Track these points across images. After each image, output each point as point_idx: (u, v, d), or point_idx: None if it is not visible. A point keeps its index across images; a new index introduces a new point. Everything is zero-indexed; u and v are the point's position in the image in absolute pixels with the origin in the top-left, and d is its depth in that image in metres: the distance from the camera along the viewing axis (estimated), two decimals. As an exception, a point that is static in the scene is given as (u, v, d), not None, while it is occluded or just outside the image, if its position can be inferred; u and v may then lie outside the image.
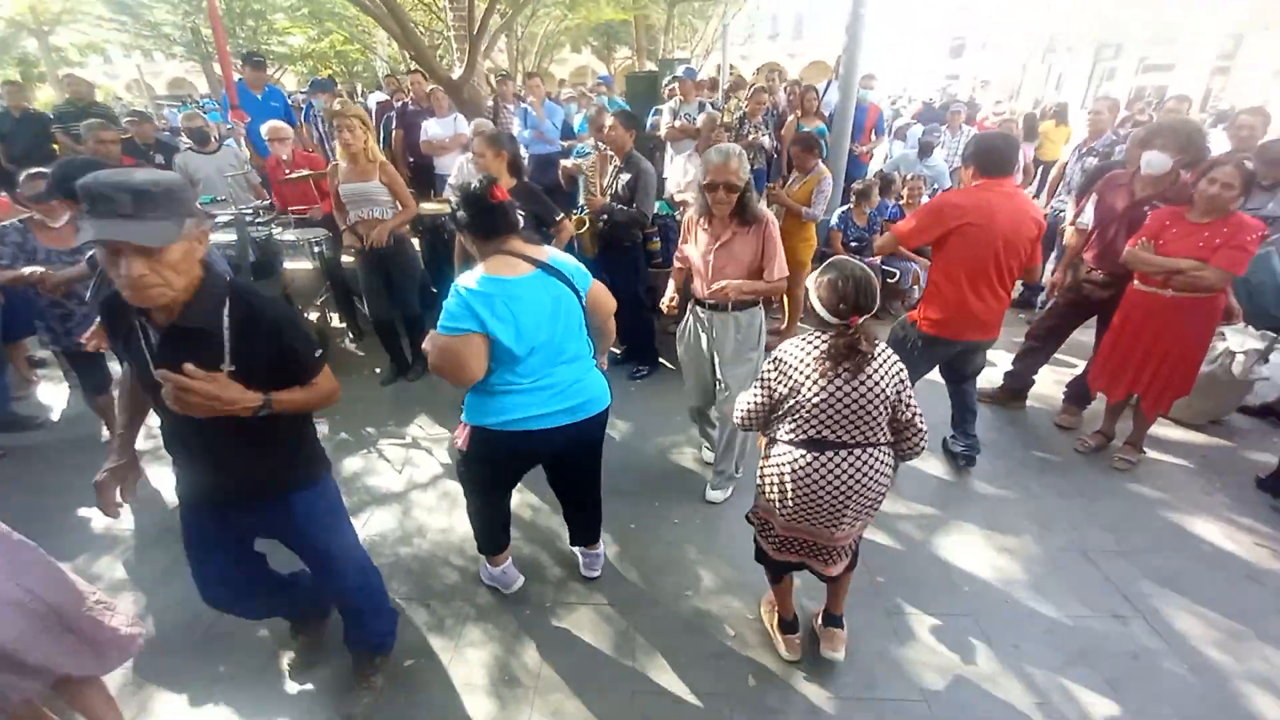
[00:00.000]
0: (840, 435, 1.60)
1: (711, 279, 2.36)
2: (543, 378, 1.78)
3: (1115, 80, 19.35)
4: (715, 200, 2.25)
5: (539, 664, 1.99)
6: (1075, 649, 2.01)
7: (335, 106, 3.12)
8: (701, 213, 2.40)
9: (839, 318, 1.54)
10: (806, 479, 1.62)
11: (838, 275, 1.56)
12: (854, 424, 1.58)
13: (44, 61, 18.93)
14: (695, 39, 19.53)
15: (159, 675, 1.98)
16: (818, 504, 1.64)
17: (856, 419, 1.58)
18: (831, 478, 1.60)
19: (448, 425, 3.37)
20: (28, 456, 3.17)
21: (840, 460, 1.60)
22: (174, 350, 1.27)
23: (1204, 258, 2.42)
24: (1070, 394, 3.33)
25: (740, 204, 2.26)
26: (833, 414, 1.58)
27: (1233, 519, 2.59)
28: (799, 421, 1.63)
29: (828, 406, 1.57)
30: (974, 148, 2.46)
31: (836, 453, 1.60)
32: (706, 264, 2.38)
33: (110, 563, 2.45)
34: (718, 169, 2.21)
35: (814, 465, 1.61)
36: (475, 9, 5.31)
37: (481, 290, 1.62)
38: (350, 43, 16.03)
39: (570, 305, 1.77)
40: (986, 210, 2.35)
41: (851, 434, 1.60)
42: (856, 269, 1.56)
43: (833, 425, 1.59)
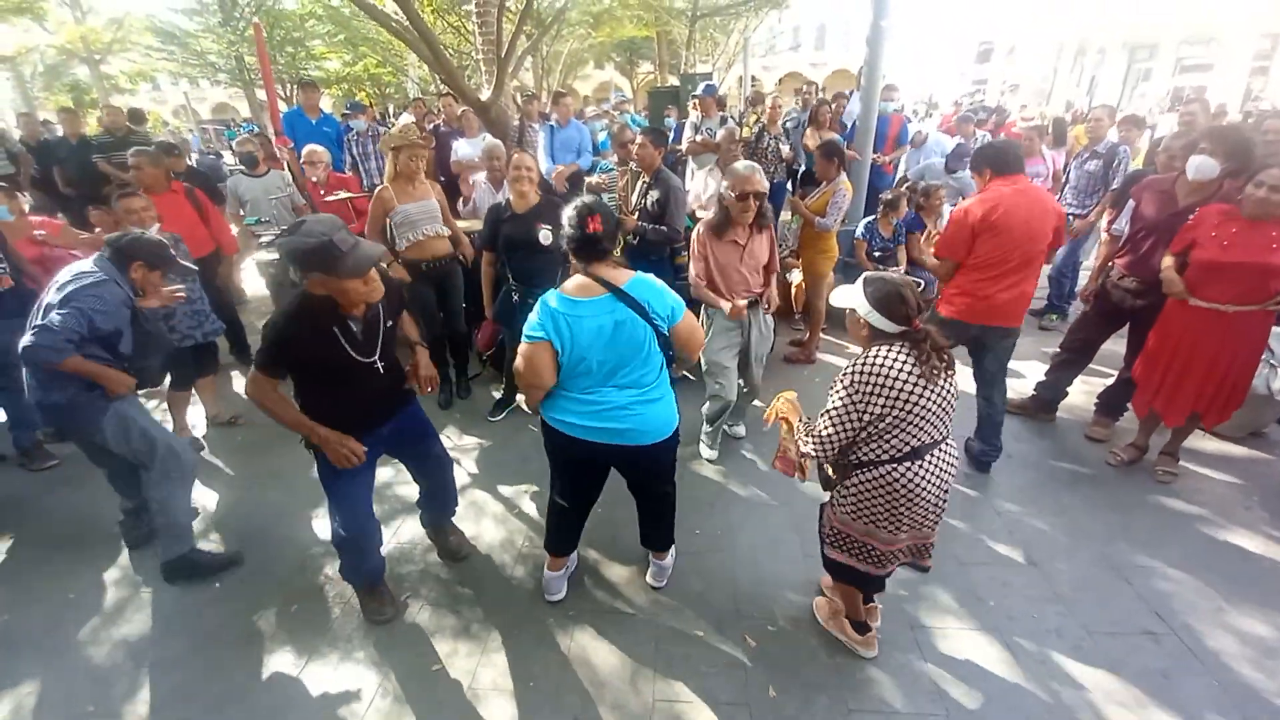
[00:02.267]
0: (933, 435, 1.66)
1: (740, 283, 2.78)
2: (591, 394, 1.86)
3: (1151, 81, 18.86)
4: (744, 209, 2.60)
5: (562, 670, 2.04)
6: (1104, 666, 1.98)
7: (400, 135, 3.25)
8: (723, 226, 2.70)
9: (906, 324, 1.60)
10: (915, 489, 1.65)
11: (894, 286, 1.62)
12: (945, 419, 1.67)
13: (95, 88, 20.04)
14: (717, 52, 19.69)
15: (200, 672, 2.08)
16: (927, 508, 1.71)
17: (947, 414, 1.67)
18: (933, 478, 1.67)
19: (475, 436, 3.46)
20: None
21: (936, 460, 1.67)
22: (369, 330, 1.86)
23: (1274, 259, 2.34)
24: (1102, 405, 3.27)
25: (759, 212, 2.67)
26: (934, 415, 1.63)
27: (1271, 534, 2.51)
28: (899, 435, 1.62)
29: (931, 410, 1.62)
30: (981, 154, 2.67)
31: (930, 453, 1.66)
32: (735, 272, 2.76)
33: (155, 565, 2.57)
34: (747, 179, 2.57)
35: (918, 473, 1.65)
36: (503, 32, 5.49)
37: (553, 306, 1.79)
38: (383, 66, 16.62)
39: (635, 331, 1.79)
40: (1001, 206, 2.49)
41: (941, 430, 1.68)
42: (897, 278, 1.66)
43: (932, 427, 1.65)
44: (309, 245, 1.60)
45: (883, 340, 1.63)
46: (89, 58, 18.64)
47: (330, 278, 1.64)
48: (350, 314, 1.79)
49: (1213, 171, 2.59)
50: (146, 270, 2.27)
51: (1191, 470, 2.93)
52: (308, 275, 1.69)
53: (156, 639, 2.22)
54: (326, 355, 1.78)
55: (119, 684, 2.05)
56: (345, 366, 1.81)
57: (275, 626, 2.25)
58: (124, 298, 2.23)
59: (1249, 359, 2.59)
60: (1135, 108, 17.64)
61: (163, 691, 2.02)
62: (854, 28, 24.71)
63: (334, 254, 1.60)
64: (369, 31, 14.24)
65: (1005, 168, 2.58)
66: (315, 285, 1.70)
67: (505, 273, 3.14)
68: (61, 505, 3.00)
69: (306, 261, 1.63)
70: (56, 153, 6.06)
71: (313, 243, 1.59)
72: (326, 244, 1.59)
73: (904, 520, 1.72)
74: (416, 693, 1.98)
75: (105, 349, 2.21)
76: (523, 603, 2.32)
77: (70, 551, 2.68)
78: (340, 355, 1.78)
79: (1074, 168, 4.56)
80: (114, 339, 2.22)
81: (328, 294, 1.73)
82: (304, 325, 1.74)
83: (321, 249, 1.59)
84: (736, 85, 19.65)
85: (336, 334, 1.77)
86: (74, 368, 2.09)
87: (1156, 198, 2.85)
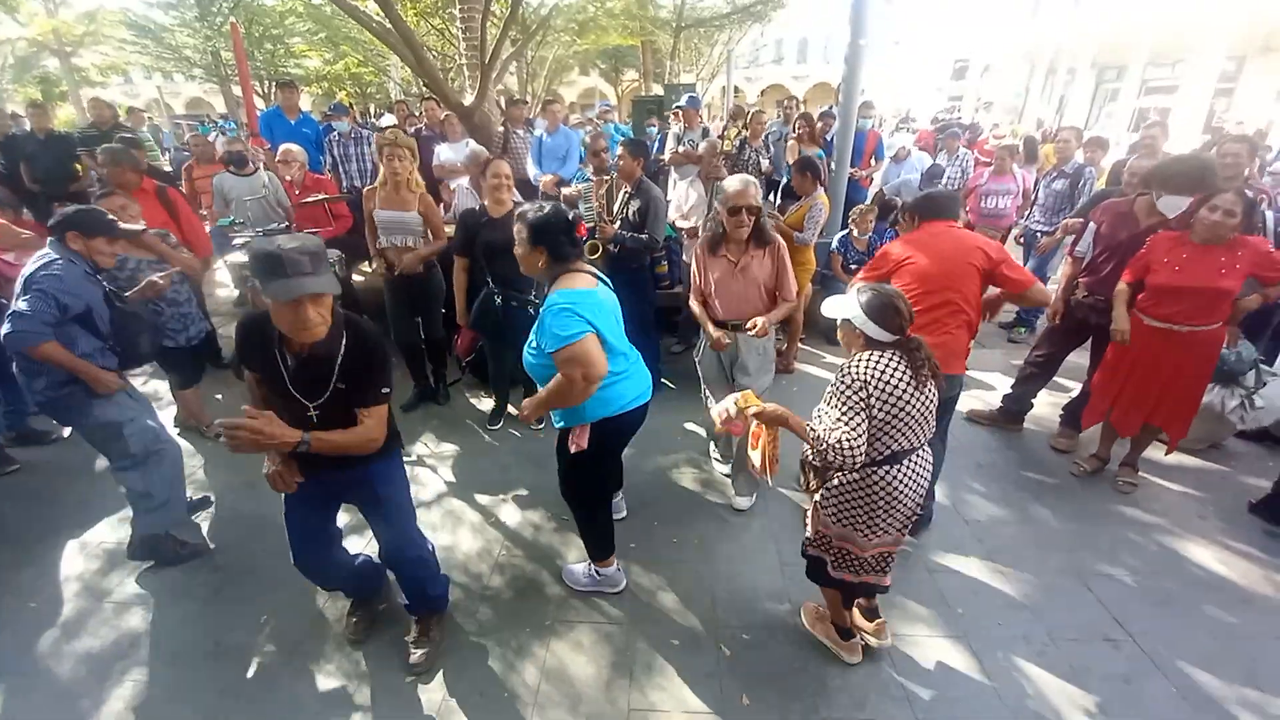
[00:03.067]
0: (913, 441, 1.72)
1: (733, 302, 2.61)
2: (632, 363, 2.10)
3: (1118, 101, 19.50)
4: (738, 224, 2.48)
5: (538, 680, 2.04)
6: (1067, 671, 2.04)
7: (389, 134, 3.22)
8: (717, 242, 2.61)
9: (900, 333, 1.67)
10: (894, 492, 1.72)
11: (887, 297, 1.67)
12: (925, 427, 1.73)
13: (65, 81, 19.49)
14: (701, 62, 19.92)
15: (170, 687, 2.04)
16: (904, 512, 1.77)
17: (928, 421, 1.73)
18: (911, 483, 1.74)
19: (453, 443, 3.44)
20: (44, 470, 3.26)
21: (914, 464, 1.74)
22: (303, 369, 1.64)
23: (1222, 283, 2.47)
24: (1066, 417, 3.37)
25: (756, 227, 2.53)
26: (917, 421, 1.69)
27: (1226, 543, 2.61)
28: (884, 439, 1.69)
29: (916, 415, 1.68)
30: (914, 200, 2.61)
31: (909, 458, 1.74)
32: (727, 289, 2.60)
33: (122, 577, 2.51)
34: (739, 194, 2.46)
35: (897, 477, 1.72)
36: (488, 38, 5.49)
37: (574, 300, 1.85)
38: (364, 65, 16.46)
39: (618, 308, 2.06)
40: (921, 246, 2.42)
41: (921, 437, 1.74)
42: (890, 289, 1.71)
43: (914, 433, 1.70)
44: (262, 249, 1.48)
45: (876, 348, 1.69)
46: (60, 50, 18.13)
47: (262, 293, 1.51)
48: (288, 346, 1.64)
49: (1182, 207, 2.66)
50: (85, 239, 2.27)
51: (1151, 481, 3.04)
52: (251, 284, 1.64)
53: (122, 653, 2.16)
54: (266, 373, 1.70)
55: (84, 700, 1.99)
56: (281, 393, 1.69)
57: (247, 639, 2.21)
58: (81, 273, 2.25)
59: (1200, 374, 2.69)
60: (1102, 127, 18.25)
61: (126, 708, 1.97)
62: (835, 42, 25.19)
63: (272, 269, 1.45)
64: (350, 30, 14.10)
65: (932, 214, 2.48)
66: (254, 298, 1.64)
67: (485, 278, 3.15)
68: (21, 515, 2.91)
69: (253, 265, 1.53)
70: (24, 147, 5.89)
71: (267, 249, 1.47)
72: (274, 256, 1.45)
73: (880, 524, 1.77)
74: (393, 704, 1.96)
75: (89, 331, 2.27)
76: (500, 613, 2.31)
77: (34, 563, 2.60)
78: (276, 378, 1.67)
79: (1042, 187, 4.72)
80: (90, 319, 2.27)
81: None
82: (254, 334, 1.67)
83: (266, 258, 1.46)
84: (720, 96, 19.90)
85: (276, 356, 1.66)
86: (53, 357, 2.12)
87: (1116, 219, 2.96)
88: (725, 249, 2.59)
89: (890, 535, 1.82)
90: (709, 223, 2.74)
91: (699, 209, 4.24)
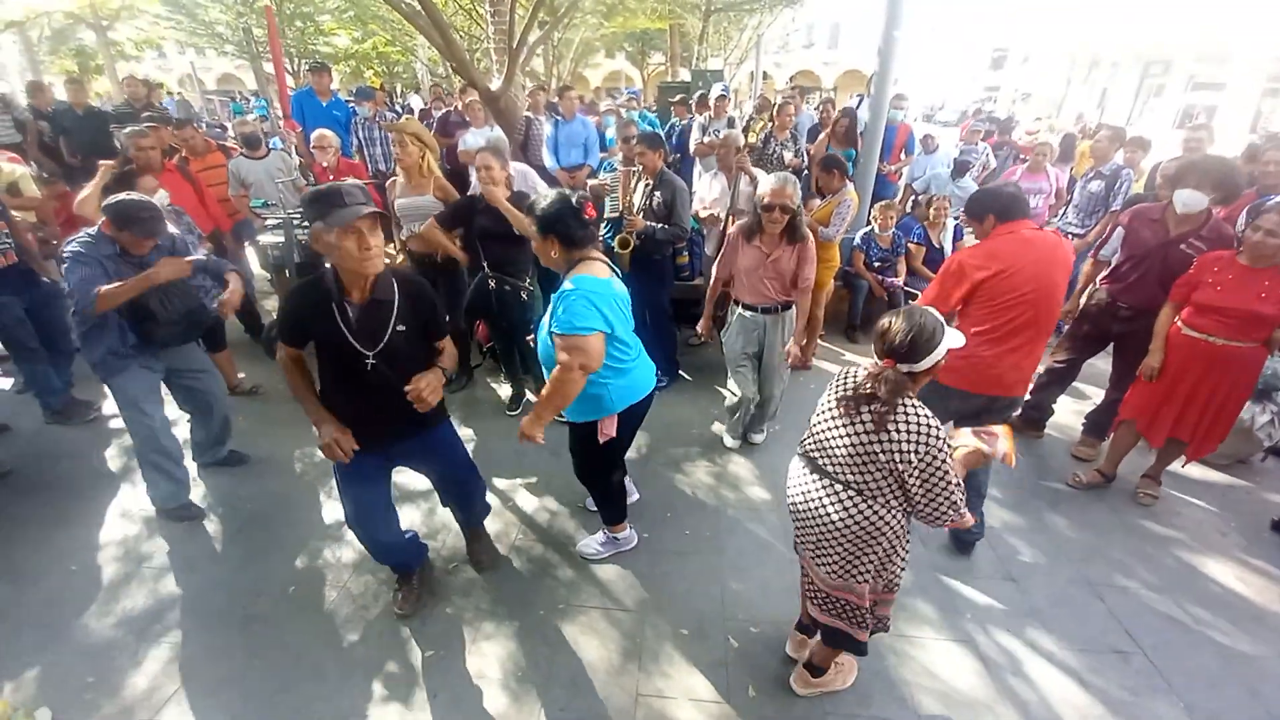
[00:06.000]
0: (840, 471, 1.58)
1: (759, 289, 2.84)
2: (639, 350, 2.20)
3: (1163, 97, 18.80)
4: (770, 219, 2.65)
5: (549, 662, 2.10)
6: (1074, 681, 2.05)
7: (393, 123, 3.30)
8: (753, 231, 2.79)
9: (877, 355, 1.52)
10: (801, 493, 1.69)
11: (892, 315, 1.52)
12: (856, 464, 1.54)
13: (101, 54, 19.82)
14: (730, 47, 19.57)
15: (203, 649, 2.15)
16: (805, 524, 1.69)
17: (857, 461, 1.53)
18: (822, 505, 1.61)
19: (473, 427, 3.51)
20: (87, 436, 3.41)
21: (835, 492, 1.59)
22: (368, 319, 1.77)
23: (1260, 307, 2.40)
24: (1089, 425, 3.33)
25: (790, 225, 2.69)
26: (838, 445, 1.56)
27: (1245, 560, 2.58)
28: (811, 434, 1.68)
29: (833, 437, 1.57)
30: (983, 197, 2.34)
31: (834, 482, 1.60)
32: (755, 277, 2.82)
33: (160, 543, 2.64)
34: (775, 192, 2.62)
35: (809, 482, 1.67)
36: (516, 23, 5.48)
37: (595, 291, 1.91)
38: (391, 44, 16.47)
39: (629, 300, 2.13)
40: (1004, 257, 2.19)
41: (849, 473, 1.56)
42: (916, 320, 1.47)
43: (835, 457, 1.58)
44: (321, 189, 1.66)
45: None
46: (96, 24, 18.41)
47: (326, 227, 1.60)
48: (349, 297, 1.76)
49: (1200, 204, 2.64)
50: (115, 229, 2.37)
51: (1173, 494, 3.00)
52: (313, 227, 1.67)
53: (157, 616, 2.28)
54: (324, 330, 1.77)
55: (119, 658, 2.11)
56: (340, 348, 1.78)
57: (273, 608, 2.31)
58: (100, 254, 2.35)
59: (1237, 394, 2.62)
60: (1146, 123, 17.62)
61: (161, 669, 2.08)
62: (868, 28, 24.58)
63: (332, 202, 1.61)
64: (379, 9, 14.10)
65: (1008, 214, 2.25)
66: (317, 241, 1.68)
67: (480, 262, 3.20)
68: (63, 478, 3.05)
69: (312, 204, 1.65)
70: (63, 122, 6.06)
71: (325, 188, 1.65)
72: (333, 189, 1.63)
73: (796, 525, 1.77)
74: (408, 678, 2.04)
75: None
76: (516, 594, 2.38)
77: (71, 527, 2.73)
78: (337, 333, 1.75)
79: (1078, 188, 4.60)
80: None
81: (336, 271, 1.74)
82: (308, 295, 1.78)
83: (326, 193, 1.63)
84: (748, 81, 19.57)
85: (334, 311, 1.75)
86: (112, 298, 2.28)
87: (1148, 226, 2.89)
88: (760, 239, 2.76)
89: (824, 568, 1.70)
90: (749, 211, 2.89)
91: (722, 201, 4.22)
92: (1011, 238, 2.22)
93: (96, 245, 2.36)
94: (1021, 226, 2.23)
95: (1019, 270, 2.17)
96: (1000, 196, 2.29)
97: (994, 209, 2.27)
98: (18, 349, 3.32)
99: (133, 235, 2.37)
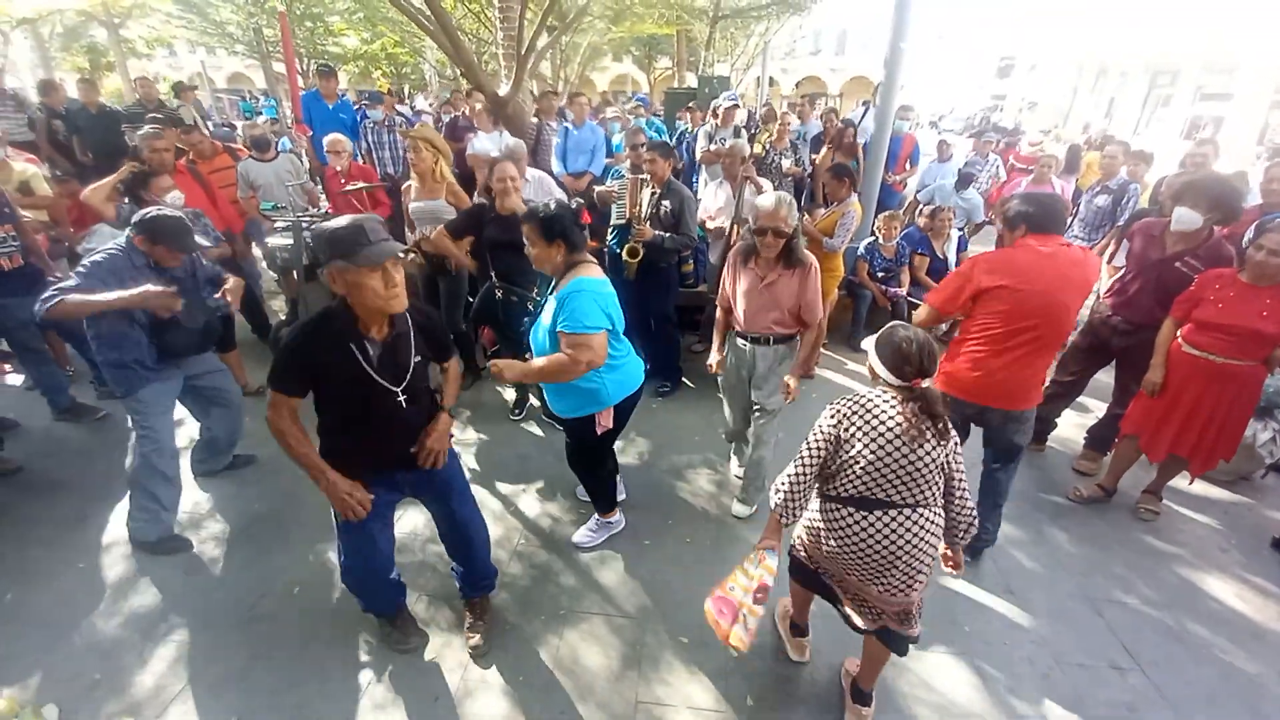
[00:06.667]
0: (890, 495, 1.58)
1: (754, 315, 2.56)
2: (629, 346, 2.33)
3: (1170, 108, 18.79)
4: (764, 244, 2.43)
5: (551, 667, 2.12)
6: (1071, 696, 2.06)
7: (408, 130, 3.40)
8: (749, 253, 2.56)
9: (903, 379, 1.56)
10: (869, 540, 1.60)
11: (901, 338, 1.57)
12: (914, 488, 1.57)
13: (112, 52, 19.97)
14: (736, 52, 19.64)
15: (207, 648, 2.17)
16: (862, 560, 1.63)
17: (917, 483, 1.57)
18: (893, 539, 1.58)
19: (477, 431, 3.54)
20: (93, 438, 3.45)
21: (897, 521, 1.58)
22: (389, 355, 1.73)
23: (1260, 326, 2.41)
24: (1091, 439, 3.34)
25: (787, 249, 2.44)
26: (898, 476, 1.56)
27: (1245, 578, 2.59)
28: (853, 477, 1.60)
29: (906, 470, 1.55)
30: (1023, 205, 2.22)
31: (887, 511, 1.59)
32: (750, 302, 2.55)
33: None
34: (768, 215, 2.38)
35: (873, 525, 1.59)
36: (525, 30, 5.52)
37: (598, 291, 2.05)
38: (400, 45, 16.59)
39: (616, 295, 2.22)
40: (1019, 268, 2.14)
41: (902, 495, 1.58)
42: (919, 334, 1.58)
43: (899, 488, 1.57)
44: (341, 226, 1.58)
45: (885, 387, 1.63)
46: (108, 21, 18.55)
47: (349, 267, 1.54)
48: (369, 334, 1.69)
49: (1195, 223, 2.64)
50: (150, 244, 2.40)
51: (1173, 510, 3.01)
52: (330, 266, 1.59)
53: (163, 615, 2.31)
54: (344, 370, 1.67)
55: (126, 656, 2.13)
56: (364, 387, 1.70)
57: (277, 608, 2.34)
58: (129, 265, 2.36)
59: (1238, 411, 2.63)
60: (1153, 133, 17.61)
61: (168, 667, 2.10)
62: (875, 35, 24.61)
63: (360, 240, 1.55)
64: (387, 11, 14.19)
65: (1044, 225, 2.16)
66: (335, 280, 1.61)
67: (488, 271, 3.24)
68: (73, 478, 3.09)
69: (334, 243, 1.56)
70: (76, 121, 6.12)
71: (345, 225, 1.57)
72: (356, 227, 1.56)
73: (841, 561, 1.68)
74: (411, 680, 2.06)
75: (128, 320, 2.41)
76: (517, 599, 2.40)
77: (80, 526, 2.76)
78: (358, 371, 1.67)
79: (1084, 201, 4.61)
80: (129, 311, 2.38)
81: (348, 305, 1.66)
82: (321, 336, 1.65)
83: (353, 231, 1.56)
84: (754, 87, 19.61)
85: (354, 350, 1.67)
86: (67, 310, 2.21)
87: (1147, 241, 2.90)
88: (755, 262, 2.54)
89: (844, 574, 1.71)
90: (745, 233, 2.69)
91: (727, 210, 4.25)
92: (1032, 251, 2.15)
93: (127, 256, 2.36)
94: (1050, 241, 2.15)
95: (1027, 286, 2.12)
96: (1040, 207, 2.19)
97: (1029, 219, 2.19)
98: (23, 350, 3.36)
99: (167, 250, 2.41)
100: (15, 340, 3.32)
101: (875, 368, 1.64)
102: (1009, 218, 2.26)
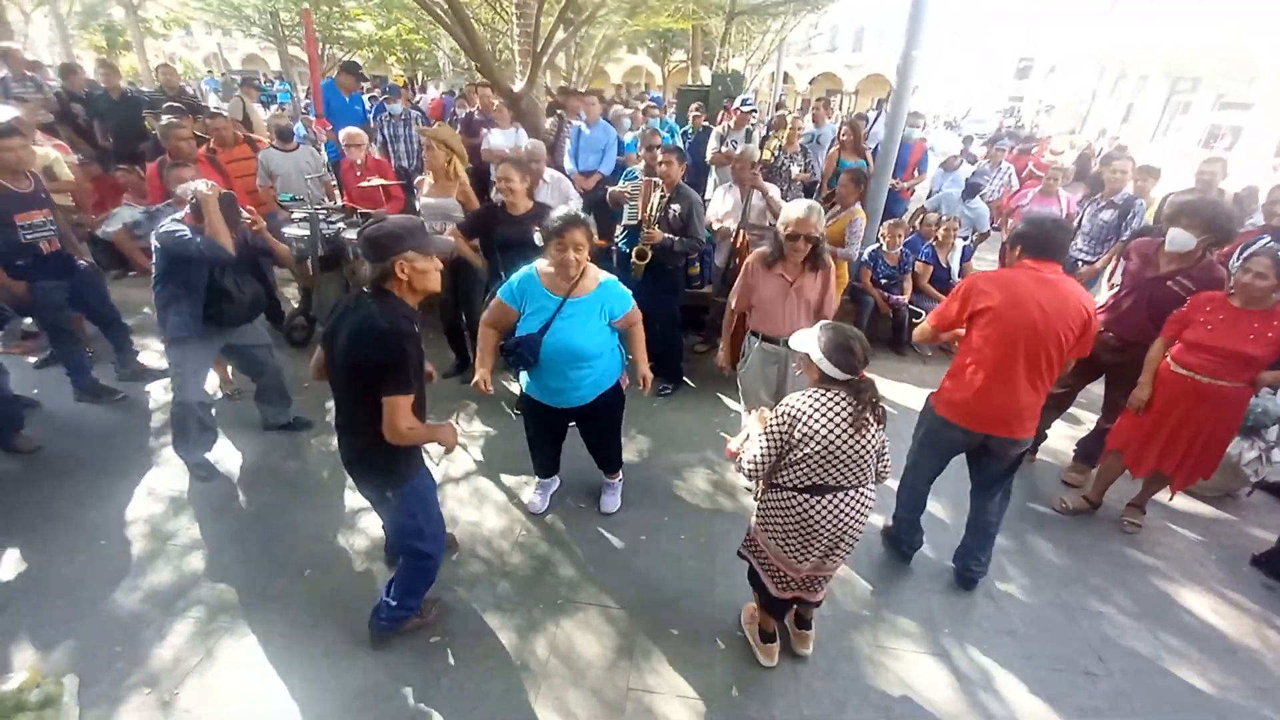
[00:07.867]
0: (840, 480, 1.82)
1: (783, 319, 2.69)
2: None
3: (1189, 115, 18.54)
4: (794, 249, 2.58)
5: (548, 654, 2.24)
6: (1043, 699, 2.15)
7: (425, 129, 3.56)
8: (773, 258, 2.67)
9: (852, 373, 1.76)
10: (812, 521, 1.85)
11: (844, 337, 1.77)
12: (860, 469, 1.82)
13: (129, 31, 20.06)
14: (751, 48, 19.52)
15: (222, 626, 2.29)
16: (817, 541, 1.89)
17: (863, 464, 1.82)
18: (831, 517, 1.84)
19: (483, 424, 3.64)
20: (115, 417, 3.57)
21: (839, 501, 1.84)
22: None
23: (1247, 348, 2.48)
24: (1080, 451, 3.41)
25: (813, 253, 2.61)
26: (848, 462, 1.79)
27: (1221, 592, 2.67)
28: (810, 469, 1.81)
29: (846, 456, 1.78)
30: (1024, 228, 2.25)
31: (835, 495, 1.84)
32: (781, 306, 2.71)
33: (185, 523, 2.79)
34: (800, 222, 2.52)
35: (814, 508, 1.84)
36: (541, 26, 5.57)
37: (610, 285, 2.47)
38: (415, 33, 16.60)
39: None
40: (1016, 292, 2.14)
41: (852, 478, 1.83)
42: (849, 329, 1.81)
43: (840, 473, 1.81)
44: (407, 222, 1.82)
45: (828, 384, 1.81)
46: (126, 1, 18.64)
47: (421, 255, 1.77)
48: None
49: (1187, 244, 2.68)
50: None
51: (1157, 524, 3.08)
52: (402, 256, 1.72)
53: (181, 592, 2.43)
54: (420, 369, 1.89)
55: (145, 631, 2.25)
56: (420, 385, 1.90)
57: (290, 587, 2.46)
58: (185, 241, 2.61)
59: (1221, 432, 2.70)
60: (1171, 140, 17.41)
61: (185, 641, 2.23)
62: (893, 32, 24.35)
63: (424, 231, 1.82)
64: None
65: (1042, 251, 2.18)
66: (402, 266, 1.73)
67: (499, 270, 3.31)
68: (93, 457, 3.21)
69: (409, 235, 1.75)
70: (97, 106, 6.22)
71: (408, 222, 1.82)
72: (418, 223, 1.83)
73: (802, 548, 1.91)
74: (415, 661, 2.18)
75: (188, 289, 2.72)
76: (516, 588, 2.51)
77: (101, 504, 2.89)
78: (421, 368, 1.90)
79: (1088, 215, 4.60)
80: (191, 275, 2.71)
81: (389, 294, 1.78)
82: (412, 326, 1.79)
83: (419, 225, 1.83)
84: (769, 82, 19.51)
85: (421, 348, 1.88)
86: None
87: (1141, 259, 2.96)
88: (782, 267, 2.65)
89: (811, 560, 1.94)
90: (769, 236, 2.83)
91: (734, 214, 4.31)
92: (1029, 274, 2.17)
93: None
94: (1046, 267, 2.17)
95: (1016, 309, 2.12)
96: (1040, 231, 2.20)
97: (1025, 241, 2.21)
98: (55, 332, 3.49)
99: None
100: (49, 322, 3.45)
101: (822, 367, 1.78)
102: (1011, 235, 2.36)
